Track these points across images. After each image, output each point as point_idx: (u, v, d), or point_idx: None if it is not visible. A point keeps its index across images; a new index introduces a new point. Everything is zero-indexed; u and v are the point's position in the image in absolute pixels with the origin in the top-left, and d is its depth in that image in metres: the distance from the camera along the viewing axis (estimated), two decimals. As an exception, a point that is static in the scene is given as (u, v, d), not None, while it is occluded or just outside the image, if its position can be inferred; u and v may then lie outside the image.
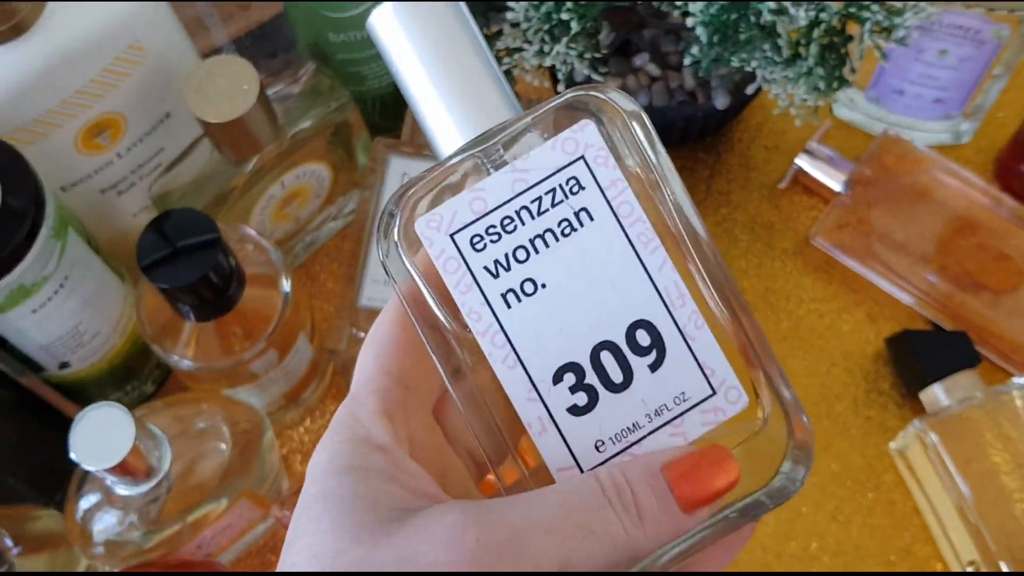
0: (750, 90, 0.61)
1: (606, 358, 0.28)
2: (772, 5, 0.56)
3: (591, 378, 0.28)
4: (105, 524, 0.54)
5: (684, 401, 0.28)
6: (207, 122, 0.54)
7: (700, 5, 0.56)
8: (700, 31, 0.56)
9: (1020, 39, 0.63)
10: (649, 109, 0.64)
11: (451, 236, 0.28)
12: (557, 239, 0.28)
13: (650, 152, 0.29)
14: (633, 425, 0.28)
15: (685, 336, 0.28)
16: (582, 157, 0.28)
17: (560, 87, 0.61)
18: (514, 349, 0.28)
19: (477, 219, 0.28)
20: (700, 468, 0.26)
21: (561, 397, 0.27)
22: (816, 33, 0.56)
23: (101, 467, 0.48)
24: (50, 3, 0.50)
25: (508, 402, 0.28)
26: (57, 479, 0.61)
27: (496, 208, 0.28)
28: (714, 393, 0.28)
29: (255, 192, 0.60)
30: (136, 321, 0.60)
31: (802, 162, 0.69)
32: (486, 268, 0.28)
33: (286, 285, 0.56)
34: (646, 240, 0.28)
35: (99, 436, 0.48)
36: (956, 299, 0.66)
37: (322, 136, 0.61)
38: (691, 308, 0.28)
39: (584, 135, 0.28)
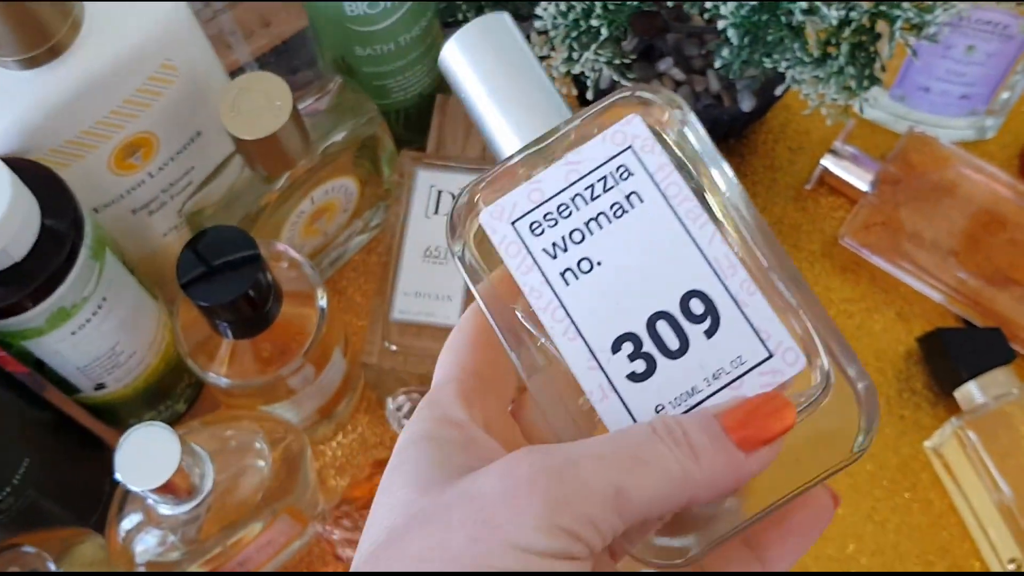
0: (779, 91, 0.61)
1: (662, 327, 0.29)
2: (803, 5, 0.56)
3: (648, 346, 0.29)
4: (147, 545, 0.54)
5: (741, 364, 0.28)
6: (241, 139, 0.54)
7: (731, 6, 0.56)
8: (731, 33, 0.56)
9: (1044, 34, 0.63)
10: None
11: (512, 224, 0.30)
12: (610, 220, 0.29)
13: (694, 140, 0.30)
14: (692, 389, 0.28)
15: (738, 302, 0.29)
16: (630, 147, 0.30)
17: (589, 94, 0.61)
18: (573, 322, 0.29)
19: (535, 207, 0.30)
20: (755, 413, 0.27)
21: (620, 365, 0.29)
22: (846, 32, 0.56)
23: (148, 487, 0.48)
24: (86, 25, 0.50)
25: (580, 393, 0.29)
26: (92, 501, 0.61)
27: (552, 197, 0.30)
28: (771, 355, 0.28)
29: (286, 208, 0.60)
30: (171, 340, 0.60)
31: (828, 163, 0.69)
32: (545, 250, 0.29)
33: (322, 300, 0.56)
34: (694, 216, 0.29)
35: (144, 456, 0.48)
36: (987, 295, 0.66)
37: (349, 150, 0.61)
38: (742, 276, 0.29)
39: (631, 127, 0.30)
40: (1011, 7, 0.60)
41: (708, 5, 0.58)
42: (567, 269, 0.29)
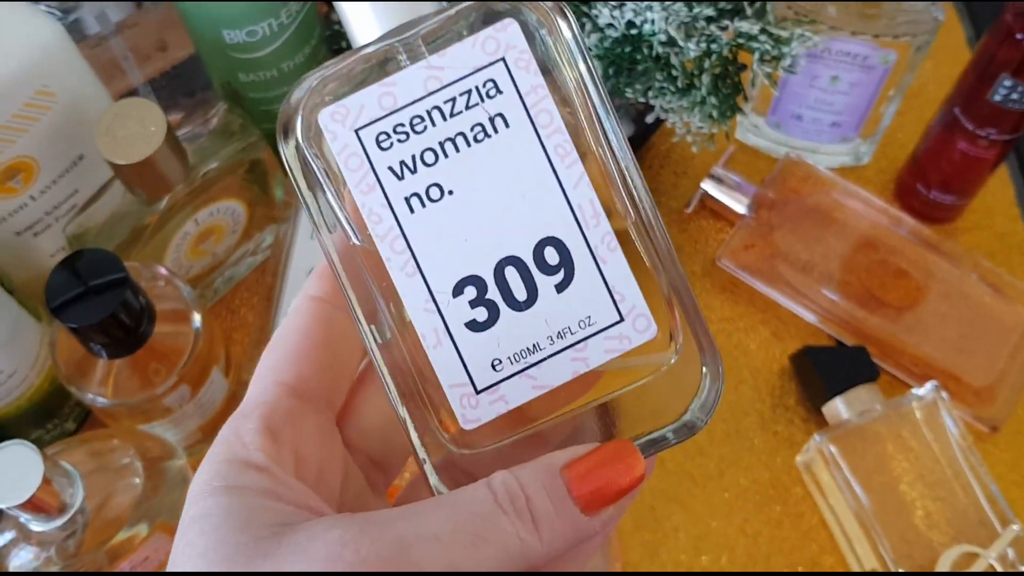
0: (649, 119, 0.63)
1: (511, 274, 0.26)
2: (662, 38, 0.58)
3: (493, 294, 0.26)
4: (22, 560, 0.55)
5: (589, 325, 0.27)
6: (117, 164, 0.55)
7: (595, 38, 0.58)
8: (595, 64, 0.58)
9: (909, 64, 0.66)
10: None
11: (356, 131, 0.26)
12: (469, 144, 0.26)
13: (580, 63, 0.27)
14: (534, 346, 0.27)
15: (596, 258, 0.27)
16: (503, 59, 0.26)
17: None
18: (414, 256, 0.26)
19: (385, 116, 0.26)
20: (603, 466, 0.25)
21: (460, 311, 0.26)
22: (707, 63, 0.59)
23: (11, 504, 0.49)
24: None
25: (428, 365, 0.27)
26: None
27: (406, 106, 0.26)
28: (621, 320, 0.27)
29: (169, 229, 0.61)
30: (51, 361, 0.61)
31: (707, 186, 0.72)
32: (391, 168, 0.26)
33: (196, 320, 0.57)
34: (563, 153, 0.26)
35: (9, 474, 0.49)
36: (858, 316, 0.68)
37: (236, 173, 0.63)
38: (605, 229, 0.27)
39: (507, 35, 0.26)
40: (868, 39, 0.62)
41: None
42: (414, 194, 0.26)
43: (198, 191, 0.60)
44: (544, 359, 0.27)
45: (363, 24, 0.27)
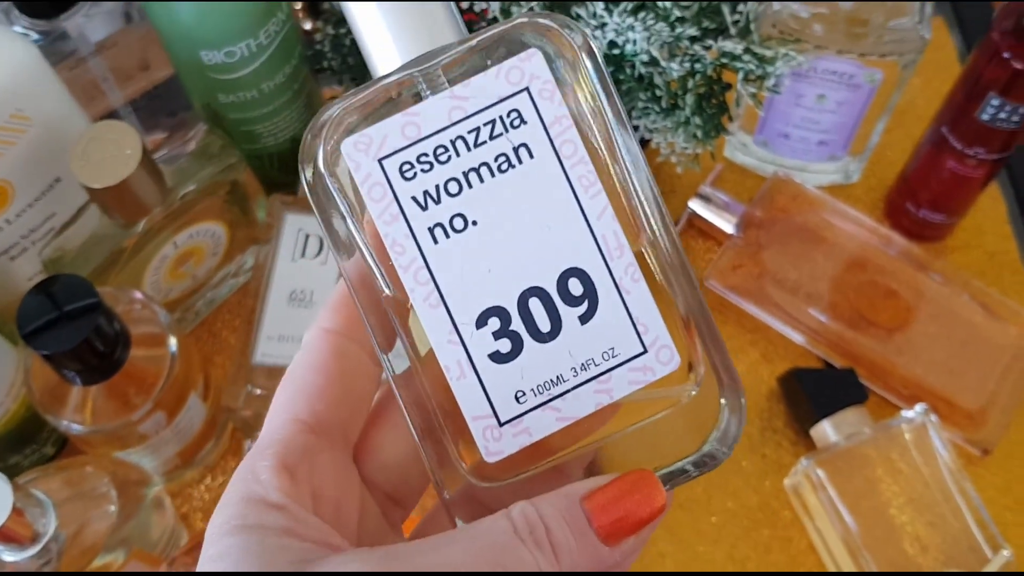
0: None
1: (535, 305, 0.26)
2: (644, 58, 0.57)
3: (517, 324, 0.26)
4: (-4, 591, 0.54)
5: (613, 357, 0.27)
6: (92, 187, 0.55)
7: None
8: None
9: (896, 82, 0.65)
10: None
11: (379, 161, 0.26)
12: (493, 174, 0.26)
13: (601, 93, 0.27)
14: (557, 378, 0.26)
15: (620, 289, 0.26)
16: (526, 89, 0.26)
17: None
18: (437, 287, 0.26)
19: (409, 145, 0.26)
20: (623, 497, 0.25)
21: (483, 342, 0.26)
22: (691, 83, 0.58)
23: (-20, 535, 0.48)
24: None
25: (449, 394, 0.27)
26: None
27: (430, 135, 0.26)
28: (645, 351, 0.27)
29: (147, 252, 0.60)
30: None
31: (695, 206, 0.71)
32: (414, 199, 0.26)
33: (173, 344, 0.56)
34: (587, 184, 0.26)
35: (-23, 505, 0.48)
36: (847, 337, 0.67)
37: (217, 195, 0.62)
38: (628, 260, 0.26)
39: (531, 66, 0.26)
40: (854, 58, 0.62)
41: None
42: (438, 224, 0.26)
43: (177, 213, 0.60)
44: (568, 391, 0.27)
45: (383, 54, 0.27)
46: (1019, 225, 0.74)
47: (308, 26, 0.81)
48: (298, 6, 0.74)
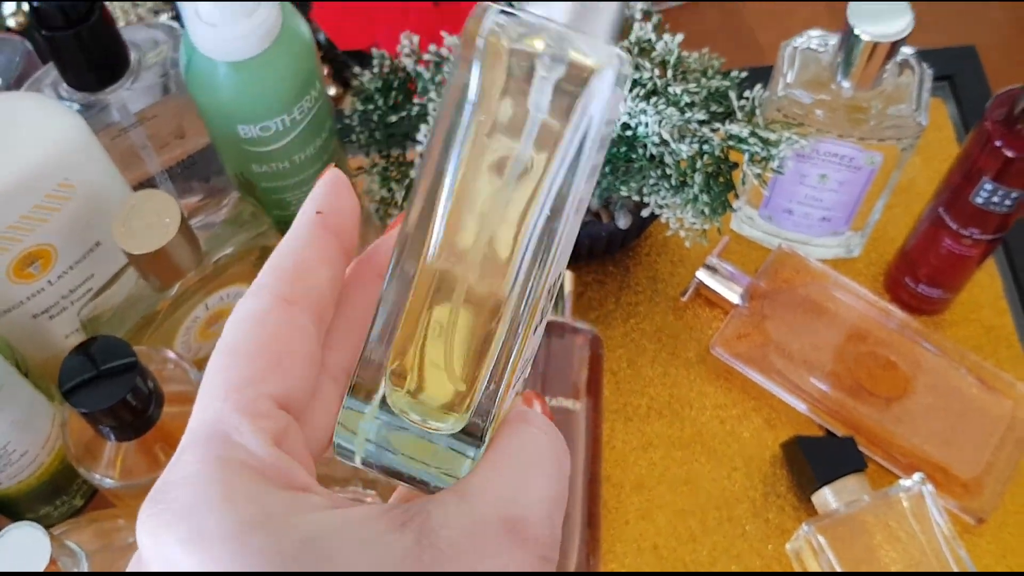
0: (644, 214, 0.66)
1: None
2: (656, 139, 0.60)
3: None
4: (28, 637, 0.57)
5: None
6: (132, 253, 0.58)
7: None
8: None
9: (896, 163, 0.68)
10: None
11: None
12: None
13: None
14: None
15: None
16: None
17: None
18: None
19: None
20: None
21: None
22: (700, 163, 0.61)
23: (19, 585, 0.51)
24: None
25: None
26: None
27: None
28: None
29: (180, 314, 0.63)
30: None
31: (702, 276, 0.74)
32: None
33: (204, 404, 0.59)
34: None
35: (17, 555, 0.51)
36: (847, 406, 0.70)
37: (247, 260, 0.65)
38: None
39: None
40: (854, 141, 0.65)
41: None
42: None
43: (210, 277, 0.63)
44: None
45: None
46: (1015, 300, 0.76)
47: (332, 91, 0.85)
48: (324, 71, 0.78)
